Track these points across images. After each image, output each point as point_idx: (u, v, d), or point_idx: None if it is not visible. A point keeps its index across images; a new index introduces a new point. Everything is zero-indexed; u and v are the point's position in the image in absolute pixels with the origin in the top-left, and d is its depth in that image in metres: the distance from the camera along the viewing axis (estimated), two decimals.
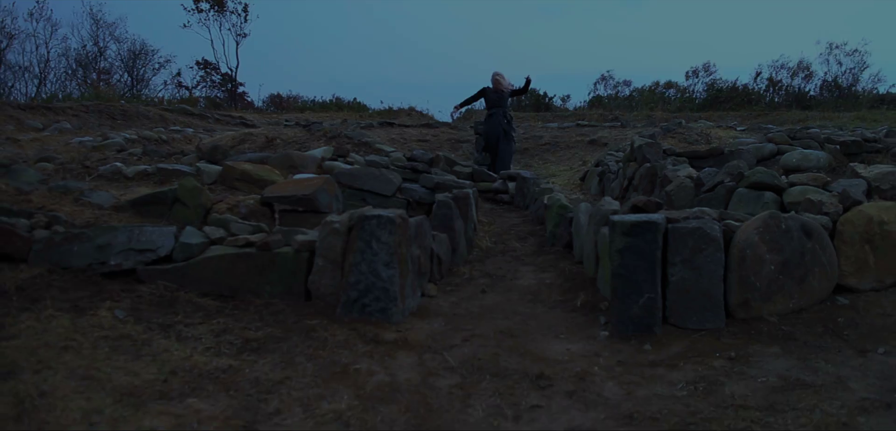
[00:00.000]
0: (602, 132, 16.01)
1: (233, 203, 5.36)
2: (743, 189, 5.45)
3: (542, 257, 5.48)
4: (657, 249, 3.66)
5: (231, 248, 4.25)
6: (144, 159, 8.30)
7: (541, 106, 25.78)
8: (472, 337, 3.76)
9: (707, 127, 12.71)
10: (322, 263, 4.05)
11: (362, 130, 15.30)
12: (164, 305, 4.00)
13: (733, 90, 26.03)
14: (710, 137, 10.88)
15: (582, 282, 4.62)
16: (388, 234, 3.88)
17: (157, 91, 33.50)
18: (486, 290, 4.63)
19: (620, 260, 3.69)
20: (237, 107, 29.18)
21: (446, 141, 16.42)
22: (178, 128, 19.12)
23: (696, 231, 3.68)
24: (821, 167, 6.53)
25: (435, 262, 4.68)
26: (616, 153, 10.27)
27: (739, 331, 3.62)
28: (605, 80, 30.00)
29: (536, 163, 15.02)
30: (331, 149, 8.10)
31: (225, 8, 29.32)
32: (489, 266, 5.24)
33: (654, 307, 3.64)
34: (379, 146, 10.31)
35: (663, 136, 10.80)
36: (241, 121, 23.03)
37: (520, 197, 8.42)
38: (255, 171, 6.59)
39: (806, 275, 3.79)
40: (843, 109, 21.51)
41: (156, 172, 6.85)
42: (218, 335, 3.63)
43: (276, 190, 5.39)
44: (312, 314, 3.95)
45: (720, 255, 3.68)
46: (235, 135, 11.80)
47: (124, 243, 4.25)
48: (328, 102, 30.79)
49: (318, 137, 10.66)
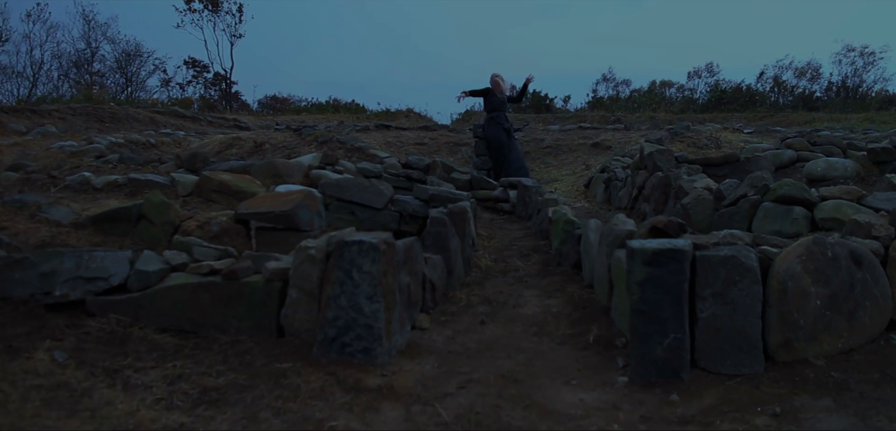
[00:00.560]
0: (605, 135, 15.51)
1: (204, 220, 4.83)
2: (769, 203, 4.92)
3: (547, 278, 4.96)
4: (684, 281, 3.13)
5: (193, 276, 3.72)
6: (120, 168, 7.77)
7: (541, 107, 25.26)
8: (469, 383, 3.23)
9: (715, 130, 12.19)
10: (296, 294, 3.53)
11: (357, 134, 14.79)
12: (114, 343, 3.47)
13: (737, 91, 25.52)
14: (720, 142, 10.36)
15: (593, 311, 4.09)
16: (372, 262, 3.36)
17: (153, 93, 33.07)
18: (486, 320, 4.10)
19: (641, 294, 3.16)
20: (231, 109, 28.66)
21: (444, 144, 15.93)
22: (169, 131, 18.64)
23: (730, 260, 3.15)
24: (848, 177, 6.01)
25: (428, 289, 4.15)
26: (622, 159, 9.75)
27: (781, 377, 3.09)
28: (607, 80, 29.50)
29: (538, 167, 14.53)
30: (319, 156, 7.57)
31: (219, 7, 28.80)
32: (489, 290, 4.71)
33: (682, 349, 3.11)
34: (372, 152, 9.79)
35: (671, 140, 10.28)
36: (234, 123, 22.54)
37: (521, 206, 7.90)
38: (234, 182, 6.07)
39: (856, 310, 3.27)
40: (851, 110, 21.01)
41: (127, 182, 6.32)
42: (172, 384, 3.10)
43: (252, 205, 4.86)
44: (285, 355, 3.42)
45: (758, 288, 3.15)
46: (223, 139, 11.27)
47: (72, 271, 3.72)
48: (325, 104, 30.33)
49: (308, 142, 10.13)
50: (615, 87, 29.24)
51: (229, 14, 29.66)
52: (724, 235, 3.51)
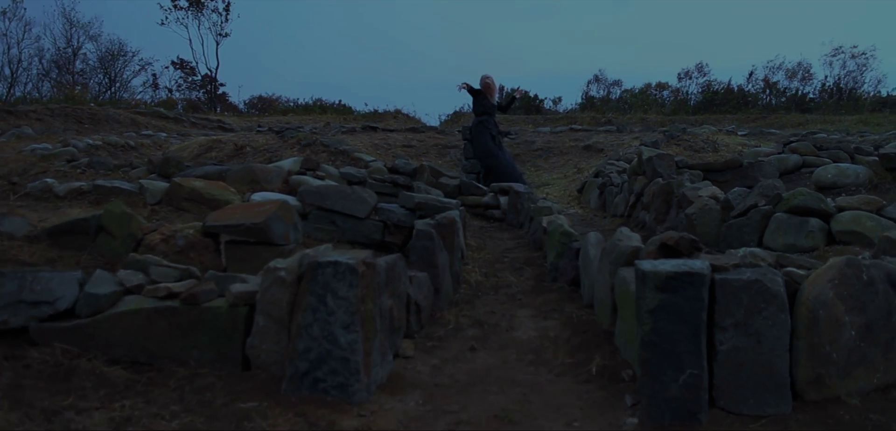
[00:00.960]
0: (597, 137, 15.18)
1: (169, 233, 4.43)
2: (782, 214, 4.57)
3: (542, 296, 4.58)
4: (702, 309, 2.76)
5: (149, 300, 3.32)
6: (88, 173, 7.35)
7: (531, 109, 24.92)
8: (458, 425, 2.85)
9: (711, 133, 11.85)
10: (264, 322, 3.14)
11: (343, 136, 14.40)
12: (58, 378, 3.06)
13: (728, 92, 25.27)
14: (717, 145, 10.02)
15: (595, 336, 3.71)
16: (348, 287, 2.97)
17: (137, 93, 32.51)
18: (477, 346, 3.72)
19: (653, 324, 2.79)
20: (216, 109, 28.14)
21: (433, 147, 15.56)
22: (151, 132, 18.15)
23: (754, 286, 2.78)
24: (860, 184, 5.67)
25: (412, 311, 3.77)
26: (617, 162, 9.40)
27: (812, 420, 2.72)
28: (598, 81, 29.19)
29: (529, 170, 14.19)
30: (299, 160, 7.17)
31: (203, 6, 28.26)
32: (479, 310, 4.33)
33: (699, 387, 2.74)
34: (357, 155, 9.40)
35: (667, 143, 9.94)
36: (219, 124, 22.07)
37: (512, 214, 7.52)
38: (206, 189, 5.66)
39: (893, 341, 2.91)
40: (845, 112, 20.77)
41: (92, 190, 5.90)
42: (117, 429, 2.70)
43: (222, 217, 4.46)
44: (250, 392, 3.02)
45: (785, 316, 2.79)
46: (203, 142, 10.84)
47: (14, 294, 3.31)
48: (311, 105, 29.89)
49: (291, 145, 9.73)
50: (606, 88, 28.93)
51: (215, 12, 29.11)
52: (744, 254, 3.15)
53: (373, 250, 5.66)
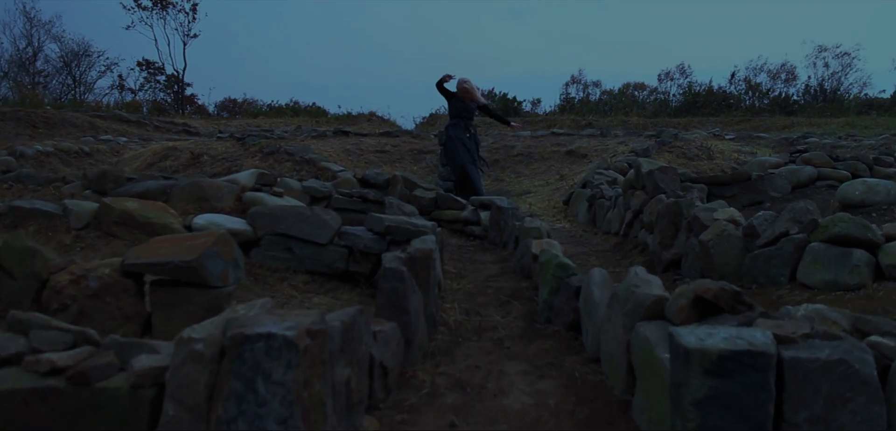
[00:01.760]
0: (580, 141, 14.50)
1: (80, 273, 3.61)
2: (819, 244, 3.87)
3: (535, 343, 3.83)
4: (769, 400, 2.03)
5: (27, 376, 2.52)
6: (15, 189, 6.48)
7: (509, 111, 24.25)
8: None
9: (702, 138, 11.20)
10: (174, 411, 2.34)
11: (312, 141, 13.57)
12: None
13: (710, 94, 24.81)
14: (711, 152, 9.35)
15: (607, 407, 2.96)
16: (286, 368, 2.19)
17: (103, 95, 31.36)
18: (457, 422, 2.95)
19: (700, 420, 2.05)
20: (183, 112, 27.09)
21: (408, 152, 14.81)
22: (109, 137, 17.16)
23: (836, 368, 2.05)
24: (892, 203, 4.99)
25: (377, 375, 3.00)
26: (606, 172, 8.69)
27: None
28: (576, 82, 28.61)
29: (508, 177, 13.49)
30: (256, 173, 6.35)
31: (169, 4, 27.20)
32: (460, 363, 3.56)
33: None
34: (324, 165, 8.59)
35: (658, 150, 9.26)
36: (184, 128, 21.11)
37: (495, 231, 6.78)
38: (140, 211, 4.84)
39: None
40: (830, 114, 20.33)
41: (7, 211, 5.05)
42: None
43: (146, 252, 3.65)
44: None
45: (880, 409, 2.06)
46: (158, 149, 9.94)
47: None
48: (285, 107, 29.05)
49: (253, 154, 8.89)
50: (585, 89, 28.33)
51: (182, 12, 28.05)
52: (807, 313, 2.42)
53: (336, 280, 4.88)
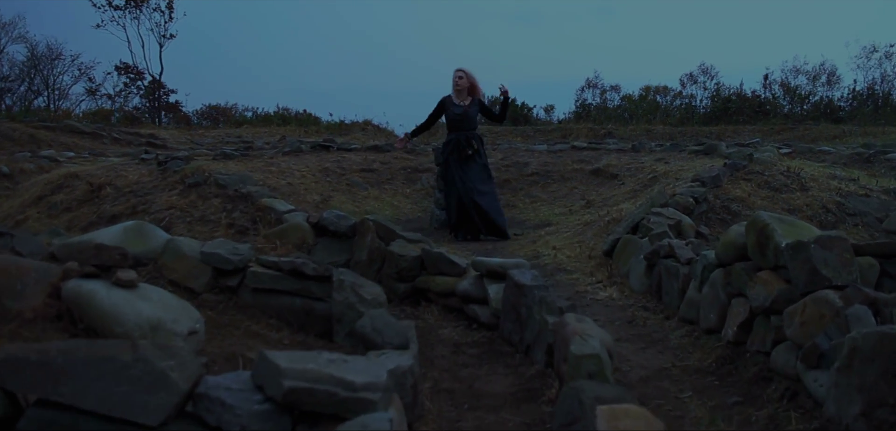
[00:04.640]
0: (607, 158, 11.97)
1: None
2: None
3: None
4: None
5: None
6: None
7: (520, 119, 21.74)
8: None
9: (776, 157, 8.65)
10: None
11: (284, 157, 11.15)
12: None
13: (742, 99, 22.22)
14: (803, 180, 6.79)
15: None
16: None
17: (80, 102, 29.02)
18: None
19: None
20: (159, 119, 24.71)
21: (399, 170, 12.32)
22: (52, 152, 14.73)
23: None
24: None
25: None
26: (664, 210, 6.14)
27: None
28: (592, 86, 26.07)
29: (522, 202, 11.00)
30: (123, 231, 3.85)
31: (143, 2, 24.87)
32: None
33: None
34: (267, 202, 6.09)
35: (730, 176, 6.74)
36: (148, 140, 18.69)
37: (511, 322, 4.20)
38: None
39: None
40: (885, 122, 17.76)
41: None
42: None
43: None
44: None
45: None
46: (51, 179, 7.48)
47: None
48: (272, 115, 26.63)
49: (171, 185, 6.42)
50: (602, 94, 25.81)
51: (157, 11, 25.69)
52: None
53: None
